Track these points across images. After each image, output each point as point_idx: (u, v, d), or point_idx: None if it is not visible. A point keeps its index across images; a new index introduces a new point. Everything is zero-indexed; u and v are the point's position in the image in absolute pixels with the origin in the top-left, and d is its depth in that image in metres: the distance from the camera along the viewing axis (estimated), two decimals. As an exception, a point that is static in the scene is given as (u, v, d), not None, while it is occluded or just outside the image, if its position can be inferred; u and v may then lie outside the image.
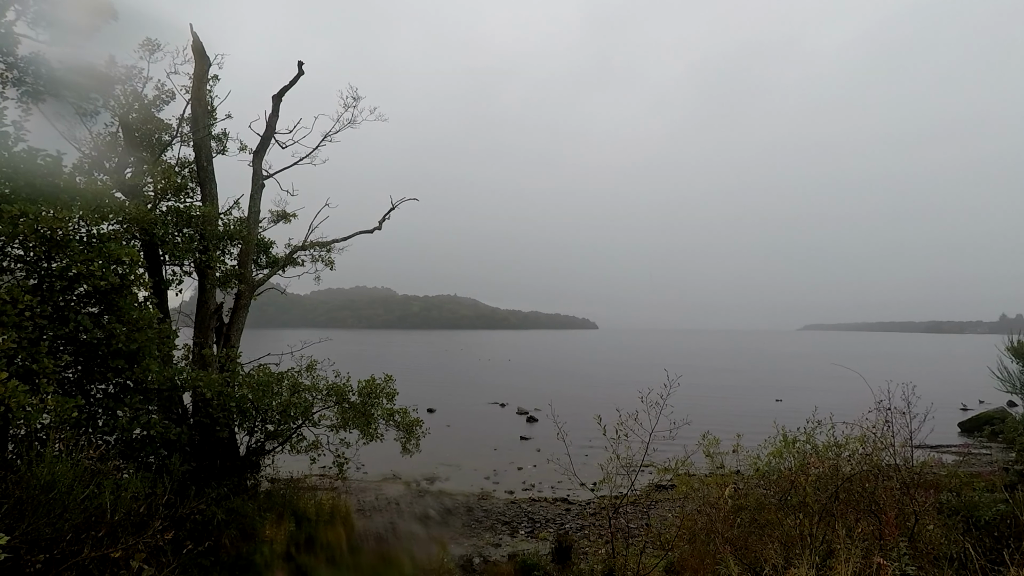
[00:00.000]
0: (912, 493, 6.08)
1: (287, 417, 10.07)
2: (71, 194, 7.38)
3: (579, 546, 11.38)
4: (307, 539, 9.87)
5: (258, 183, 11.57)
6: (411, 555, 10.62)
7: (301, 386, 10.49)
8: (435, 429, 28.82)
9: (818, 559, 4.39)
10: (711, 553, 6.51)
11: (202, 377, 8.18)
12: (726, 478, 7.87)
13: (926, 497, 5.84)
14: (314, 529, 10.14)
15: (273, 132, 12.08)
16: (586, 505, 15.41)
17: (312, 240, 12.65)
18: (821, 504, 6.41)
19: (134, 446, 7.69)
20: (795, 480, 6.88)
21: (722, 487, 8.00)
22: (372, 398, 10.28)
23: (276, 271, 11.80)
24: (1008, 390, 6.10)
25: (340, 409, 10.41)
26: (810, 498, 6.65)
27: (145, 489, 7.29)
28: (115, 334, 6.94)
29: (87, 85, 8.85)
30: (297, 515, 10.20)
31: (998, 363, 6.37)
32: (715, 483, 8.01)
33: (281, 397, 10.08)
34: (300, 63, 12.62)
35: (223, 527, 8.95)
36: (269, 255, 12.14)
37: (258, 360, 11.04)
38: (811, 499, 6.60)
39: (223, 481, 9.65)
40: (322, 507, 10.66)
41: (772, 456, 6.94)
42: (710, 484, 8.18)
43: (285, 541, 9.38)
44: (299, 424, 10.48)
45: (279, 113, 12.24)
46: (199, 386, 8.12)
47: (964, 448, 17.01)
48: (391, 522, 13.40)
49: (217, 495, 9.29)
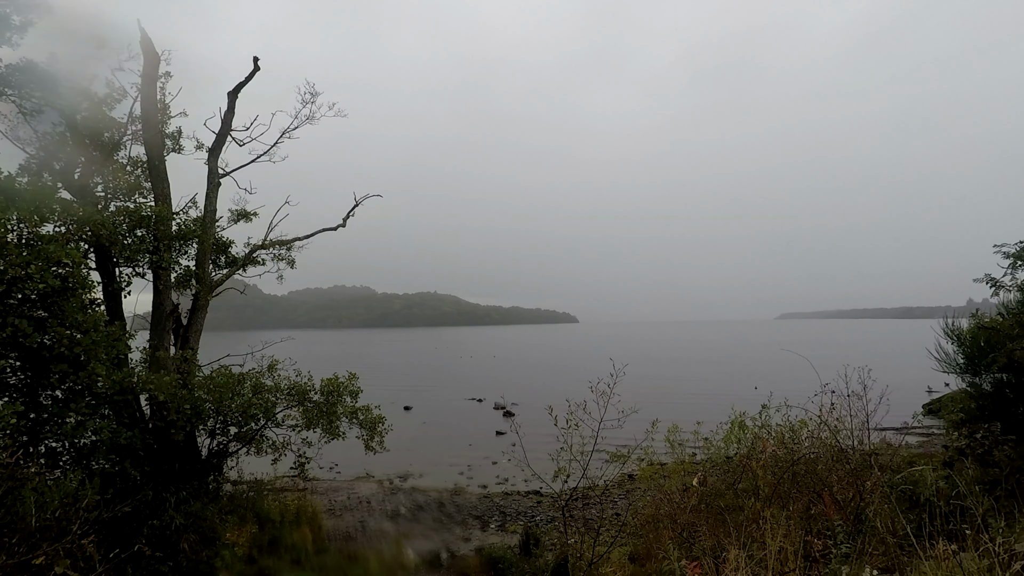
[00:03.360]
0: (859, 473, 6.23)
1: (248, 418, 9.94)
2: (8, 195, 7.16)
3: (548, 538, 11.46)
4: (271, 541, 9.77)
5: (214, 182, 11.35)
6: (378, 553, 10.57)
7: (263, 387, 10.36)
8: (411, 427, 28.90)
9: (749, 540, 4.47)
10: (662, 540, 6.60)
11: (153, 380, 8.01)
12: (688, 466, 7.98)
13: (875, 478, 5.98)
14: (279, 531, 10.04)
15: (229, 129, 11.86)
16: (557, 497, 15.49)
17: (273, 239, 12.48)
18: (771, 487, 6.54)
19: (84, 452, 7.50)
20: (746, 464, 7.01)
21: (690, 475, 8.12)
22: (335, 396, 10.18)
23: (235, 271, 11.61)
24: (945, 371, 6.29)
25: (304, 409, 10.31)
26: (761, 481, 6.78)
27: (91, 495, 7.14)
28: (57, 338, 6.75)
29: (26, 82, 8.58)
30: (261, 517, 10.10)
31: (935, 345, 6.57)
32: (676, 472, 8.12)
33: (243, 398, 9.95)
34: (255, 59, 12.41)
35: (182, 532, 8.81)
36: (228, 255, 11.93)
37: (218, 361, 10.86)
38: (762, 482, 6.73)
39: (183, 485, 9.50)
40: (287, 509, 10.56)
41: (724, 441, 7.04)
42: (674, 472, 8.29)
43: (247, 544, 9.28)
44: (262, 425, 10.36)
45: (235, 110, 12.02)
46: (150, 389, 7.96)
47: (927, 429, 17.51)
48: (361, 520, 13.34)
49: (176, 499, 9.15)
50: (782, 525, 4.33)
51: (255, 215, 12.50)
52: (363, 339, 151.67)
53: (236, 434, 10.52)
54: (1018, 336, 4.80)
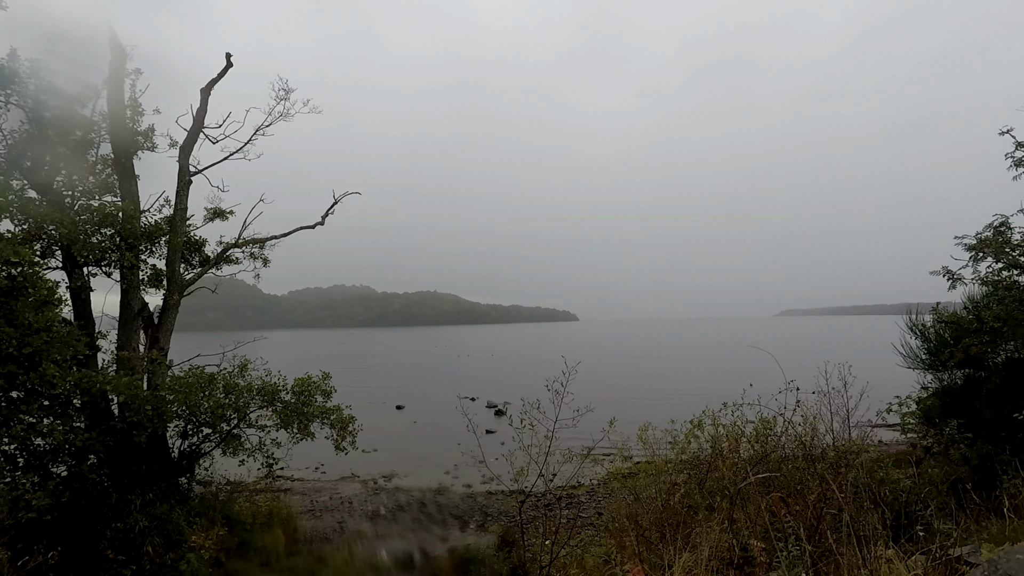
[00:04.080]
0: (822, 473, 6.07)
1: (218, 419, 9.80)
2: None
3: (527, 539, 11.32)
4: (240, 544, 9.63)
5: (184, 180, 11.20)
6: (351, 554, 10.44)
7: (236, 387, 10.23)
8: (402, 426, 28.80)
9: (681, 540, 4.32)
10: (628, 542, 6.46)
11: (111, 381, 7.86)
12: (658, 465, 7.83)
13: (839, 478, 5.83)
14: (249, 533, 9.90)
15: (201, 127, 11.69)
16: (541, 497, 15.37)
17: (247, 237, 12.33)
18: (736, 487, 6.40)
19: (36, 455, 7.36)
20: (713, 463, 6.87)
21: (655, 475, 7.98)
22: (305, 396, 10.04)
23: (207, 270, 11.45)
24: (910, 366, 6.14)
25: (277, 409, 10.17)
26: (728, 481, 6.63)
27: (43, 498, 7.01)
28: (5, 338, 6.60)
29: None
30: (231, 520, 9.95)
31: (901, 339, 6.43)
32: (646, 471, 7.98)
33: (213, 399, 9.81)
34: (228, 55, 12.26)
35: (146, 534, 8.67)
36: (202, 253, 11.78)
37: (188, 361, 10.73)
38: (729, 482, 6.59)
39: (150, 487, 9.36)
40: (259, 511, 10.42)
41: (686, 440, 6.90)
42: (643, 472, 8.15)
43: (215, 547, 9.13)
44: (233, 425, 10.22)
45: (207, 107, 11.86)
46: (107, 390, 7.81)
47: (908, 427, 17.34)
48: (340, 521, 13.20)
49: (142, 501, 9.01)
50: (714, 530, 4.18)
51: (231, 213, 12.35)
52: (362, 338, 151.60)
53: (207, 435, 10.41)
54: (976, 331, 4.66)
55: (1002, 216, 4.66)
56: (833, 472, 6.21)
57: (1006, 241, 4.58)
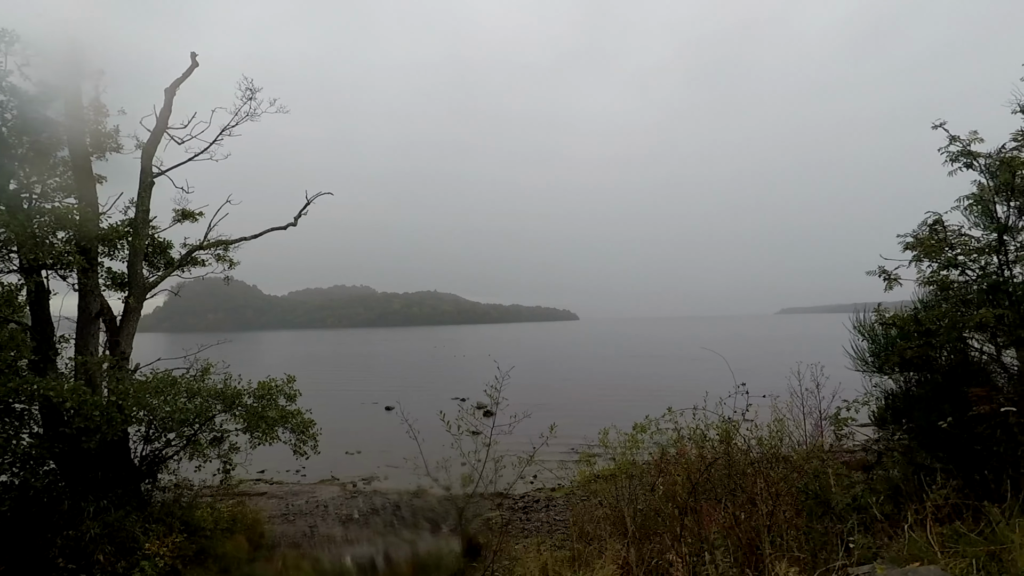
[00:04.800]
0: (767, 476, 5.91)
1: (178, 423, 9.65)
2: None
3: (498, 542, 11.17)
4: (199, 551, 9.46)
5: (146, 181, 11.04)
6: (315, 559, 10.30)
7: (203, 390, 10.09)
8: (389, 427, 28.57)
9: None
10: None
11: (53, 386, 7.71)
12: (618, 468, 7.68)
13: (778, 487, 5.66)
14: (209, 540, 9.74)
15: (165, 127, 11.54)
16: (519, 499, 15.24)
17: (217, 238, 12.19)
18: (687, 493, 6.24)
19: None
20: (663, 468, 6.71)
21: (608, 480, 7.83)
22: (266, 400, 9.89)
23: (171, 272, 11.30)
24: (860, 369, 5.97)
25: (237, 414, 10.04)
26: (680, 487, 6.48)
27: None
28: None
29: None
30: (191, 526, 9.78)
31: (851, 341, 6.25)
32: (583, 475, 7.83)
33: (175, 403, 9.67)
34: (193, 54, 12.11)
35: (98, 542, 8.53)
36: (167, 256, 11.63)
37: (150, 365, 10.58)
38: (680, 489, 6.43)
39: (106, 494, 9.22)
40: (220, 516, 10.25)
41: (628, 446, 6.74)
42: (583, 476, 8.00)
43: (171, 555, 8.96)
44: (196, 430, 10.08)
45: (171, 108, 11.71)
46: (50, 395, 7.66)
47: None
48: (312, 526, 13.04)
49: (95, 509, 8.87)
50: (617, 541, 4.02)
51: (200, 215, 12.19)
52: (360, 338, 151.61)
53: (169, 440, 10.28)
54: (913, 334, 4.49)
55: (935, 214, 4.49)
56: (762, 478, 6.05)
57: (941, 240, 4.42)
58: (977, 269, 4.39)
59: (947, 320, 4.07)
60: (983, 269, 4.33)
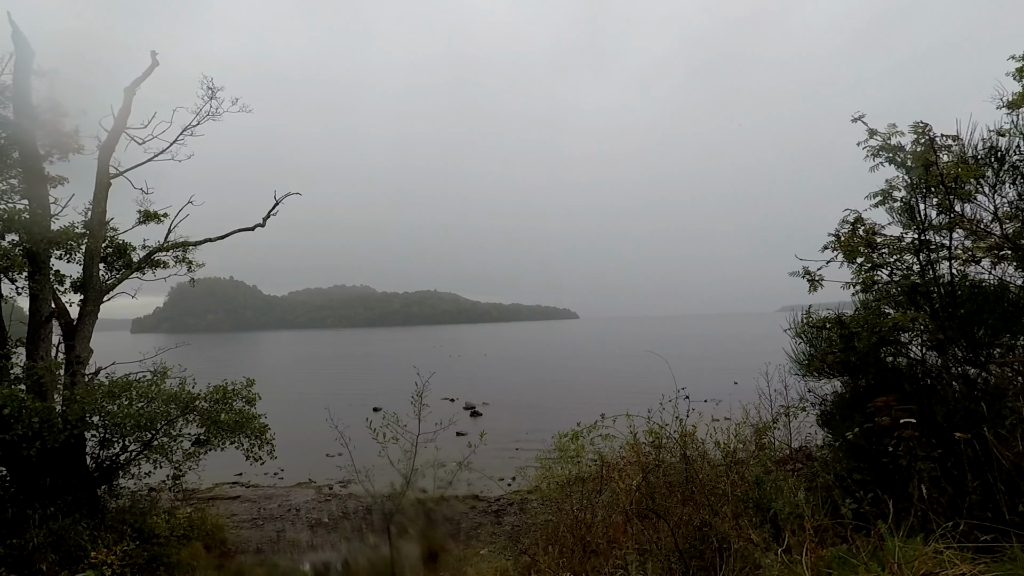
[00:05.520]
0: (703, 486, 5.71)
1: (130, 429, 9.48)
2: None
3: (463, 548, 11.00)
4: (151, 559, 9.28)
5: (103, 182, 10.86)
6: (274, 565, 10.13)
7: (160, 394, 9.92)
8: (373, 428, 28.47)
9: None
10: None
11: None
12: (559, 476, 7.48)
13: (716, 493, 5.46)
14: (162, 548, 9.55)
15: (123, 127, 11.35)
16: (493, 502, 15.07)
17: (180, 240, 12.01)
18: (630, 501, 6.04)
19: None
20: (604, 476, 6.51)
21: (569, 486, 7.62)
22: (220, 404, 9.71)
23: (129, 275, 11.11)
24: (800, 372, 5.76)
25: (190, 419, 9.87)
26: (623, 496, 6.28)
27: None
28: None
29: None
30: (144, 533, 9.61)
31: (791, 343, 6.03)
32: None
33: (128, 408, 9.50)
34: (153, 53, 11.94)
35: (42, 551, 8.36)
36: (127, 257, 11.45)
37: (104, 369, 10.41)
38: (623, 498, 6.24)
39: (54, 501, 9.05)
40: (177, 523, 10.08)
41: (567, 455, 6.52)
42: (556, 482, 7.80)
43: (119, 563, 8.79)
44: (153, 435, 9.91)
45: (131, 107, 11.53)
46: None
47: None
48: (279, 531, 12.89)
49: (41, 516, 8.70)
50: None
51: (165, 215, 12.01)
52: (359, 339, 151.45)
53: (125, 445, 10.11)
54: (836, 338, 4.28)
55: (854, 211, 4.28)
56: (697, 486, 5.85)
57: (860, 239, 4.21)
58: (904, 270, 4.20)
59: (865, 324, 3.87)
60: (909, 270, 4.13)
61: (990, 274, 4.00)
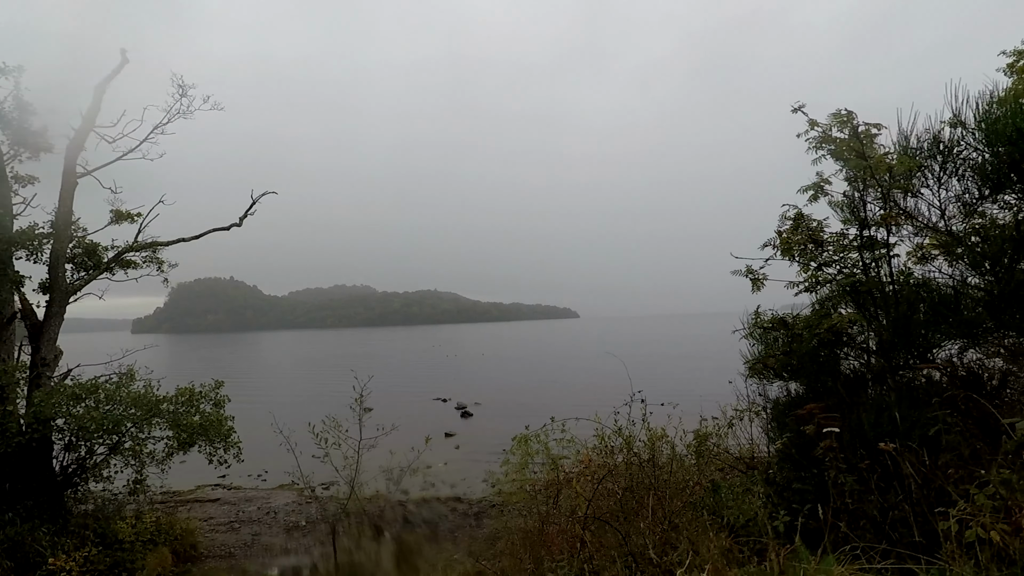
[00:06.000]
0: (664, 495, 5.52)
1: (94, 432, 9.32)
2: None
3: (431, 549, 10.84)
4: (113, 565, 9.11)
5: (70, 181, 10.70)
6: (243, 571, 9.97)
7: (125, 397, 9.76)
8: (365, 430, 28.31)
9: None
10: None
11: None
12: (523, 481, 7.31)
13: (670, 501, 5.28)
14: (126, 553, 9.38)
15: (92, 126, 11.20)
16: (475, 504, 14.90)
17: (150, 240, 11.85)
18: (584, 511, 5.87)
19: None
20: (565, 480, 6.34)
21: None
22: (186, 407, 9.55)
23: (96, 276, 10.95)
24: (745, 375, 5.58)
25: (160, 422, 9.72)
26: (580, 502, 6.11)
27: None
28: None
29: None
30: (107, 538, 9.44)
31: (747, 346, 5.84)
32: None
33: (92, 412, 9.34)
34: (123, 51, 11.76)
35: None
36: (97, 258, 11.28)
37: (70, 371, 10.25)
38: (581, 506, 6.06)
39: (14, 506, 8.89)
40: (143, 527, 9.91)
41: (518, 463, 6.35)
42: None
43: (79, 569, 8.62)
44: (120, 438, 9.75)
45: (100, 106, 11.37)
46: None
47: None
48: (255, 535, 12.71)
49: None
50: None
51: (139, 215, 11.86)
52: (359, 339, 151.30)
53: (91, 448, 9.96)
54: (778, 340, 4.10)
55: (794, 207, 4.08)
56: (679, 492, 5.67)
57: (806, 236, 4.01)
58: (851, 268, 4.01)
59: (805, 325, 3.68)
60: (854, 268, 3.94)
61: (940, 272, 3.82)
